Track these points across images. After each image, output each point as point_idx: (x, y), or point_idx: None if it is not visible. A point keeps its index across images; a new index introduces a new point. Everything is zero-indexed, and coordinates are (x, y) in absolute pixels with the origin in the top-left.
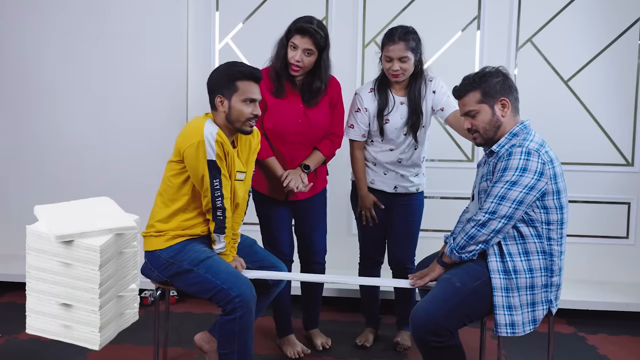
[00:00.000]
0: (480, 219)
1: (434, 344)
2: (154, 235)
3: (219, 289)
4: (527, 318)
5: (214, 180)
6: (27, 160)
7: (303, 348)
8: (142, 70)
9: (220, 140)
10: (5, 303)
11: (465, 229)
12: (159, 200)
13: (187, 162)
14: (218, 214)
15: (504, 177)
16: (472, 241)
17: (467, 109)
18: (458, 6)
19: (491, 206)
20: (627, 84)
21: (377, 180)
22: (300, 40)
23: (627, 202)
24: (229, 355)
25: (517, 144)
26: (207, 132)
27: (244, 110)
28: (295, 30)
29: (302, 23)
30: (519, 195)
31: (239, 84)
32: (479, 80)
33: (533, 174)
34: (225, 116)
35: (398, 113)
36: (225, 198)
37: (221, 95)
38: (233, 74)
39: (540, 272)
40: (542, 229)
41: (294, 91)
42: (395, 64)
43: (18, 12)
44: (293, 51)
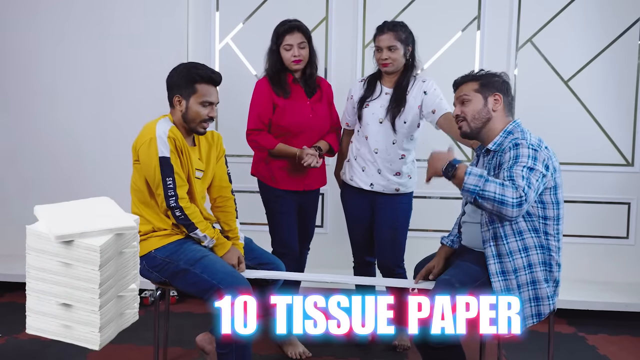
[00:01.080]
0: (518, 198)
1: (434, 344)
2: (143, 240)
3: (215, 289)
4: (529, 312)
5: (167, 179)
6: (27, 160)
7: (304, 349)
8: (142, 70)
9: (173, 136)
10: (5, 303)
11: (503, 191)
12: (135, 210)
13: (141, 160)
14: (177, 214)
15: (519, 162)
16: (499, 204)
17: (461, 94)
18: (458, 6)
19: (526, 190)
20: (627, 84)
21: (355, 176)
22: (292, 37)
23: (627, 202)
24: (227, 355)
25: (519, 137)
26: (159, 130)
27: (200, 112)
28: (284, 32)
29: (286, 24)
30: (536, 183)
31: (197, 87)
32: (479, 74)
33: (542, 164)
34: (182, 115)
35: (379, 101)
36: (181, 198)
37: (179, 95)
38: (192, 76)
39: (540, 266)
40: (539, 224)
41: (297, 90)
42: (384, 53)
43: (19, 12)
44: (288, 51)
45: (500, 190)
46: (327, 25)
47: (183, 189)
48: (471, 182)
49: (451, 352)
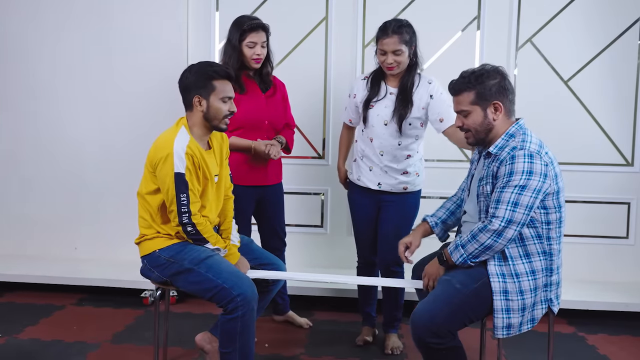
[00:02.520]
0: (496, 228)
1: (434, 345)
2: (148, 239)
3: (220, 288)
4: (527, 318)
5: (181, 195)
6: (27, 161)
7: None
8: (142, 70)
9: (191, 152)
10: (5, 303)
11: (479, 238)
12: (143, 222)
13: (157, 175)
14: (188, 229)
15: (511, 182)
16: (488, 251)
17: (460, 108)
18: (458, 6)
19: (506, 214)
20: (627, 84)
21: (362, 176)
22: (257, 36)
23: (627, 202)
24: (230, 354)
25: (517, 146)
26: (177, 146)
27: (222, 108)
28: (250, 30)
29: (251, 22)
30: (529, 200)
31: (216, 84)
32: (474, 81)
33: (539, 176)
34: (203, 115)
35: (384, 102)
36: (194, 215)
37: (199, 95)
38: (209, 74)
39: (542, 272)
40: (542, 229)
41: (251, 85)
42: (389, 57)
43: (19, 12)
44: (251, 48)
45: (476, 244)
46: (327, 25)
47: (196, 206)
48: (457, 257)
49: (452, 352)
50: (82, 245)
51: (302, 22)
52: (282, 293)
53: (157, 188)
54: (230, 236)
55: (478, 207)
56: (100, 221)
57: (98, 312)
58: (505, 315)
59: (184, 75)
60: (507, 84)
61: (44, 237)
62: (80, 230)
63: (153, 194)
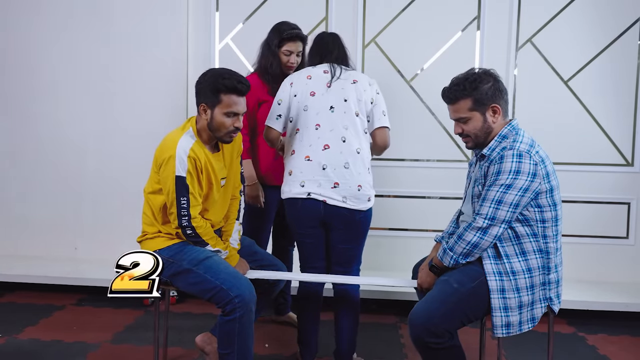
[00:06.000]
0: (480, 225)
1: (433, 345)
2: (149, 238)
3: (218, 289)
4: (526, 317)
5: (181, 198)
6: (27, 160)
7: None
8: (142, 70)
9: (194, 155)
10: (5, 303)
11: (465, 237)
12: (146, 219)
13: (160, 176)
14: (188, 232)
15: (498, 181)
16: (476, 249)
17: (459, 116)
18: (458, 6)
19: (490, 211)
20: (627, 84)
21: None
22: (294, 45)
23: (627, 202)
24: (229, 355)
25: (507, 146)
26: (180, 148)
27: (225, 122)
28: (288, 39)
29: (290, 31)
30: (514, 198)
31: (222, 97)
32: (469, 87)
33: (526, 175)
34: (207, 124)
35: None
36: (193, 218)
37: (204, 104)
38: (218, 86)
39: (539, 270)
40: (537, 228)
41: None
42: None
43: (19, 12)
44: (287, 56)
45: (463, 243)
46: (327, 25)
47: (196, 209)
48: (447, 260)
49: (451, 352)
50: (82, 245)
51: (302, 22)
52: (284, 293)
53: (160, 188)
54: (229, 238)
55: (472, 207)
56: (100, 221)
57: (98, 312)
58: (503, 314)
59: (199, 79)
60: (500, 85)
61: (44, 237)
62: (80, 230)
63: (156, 193)
